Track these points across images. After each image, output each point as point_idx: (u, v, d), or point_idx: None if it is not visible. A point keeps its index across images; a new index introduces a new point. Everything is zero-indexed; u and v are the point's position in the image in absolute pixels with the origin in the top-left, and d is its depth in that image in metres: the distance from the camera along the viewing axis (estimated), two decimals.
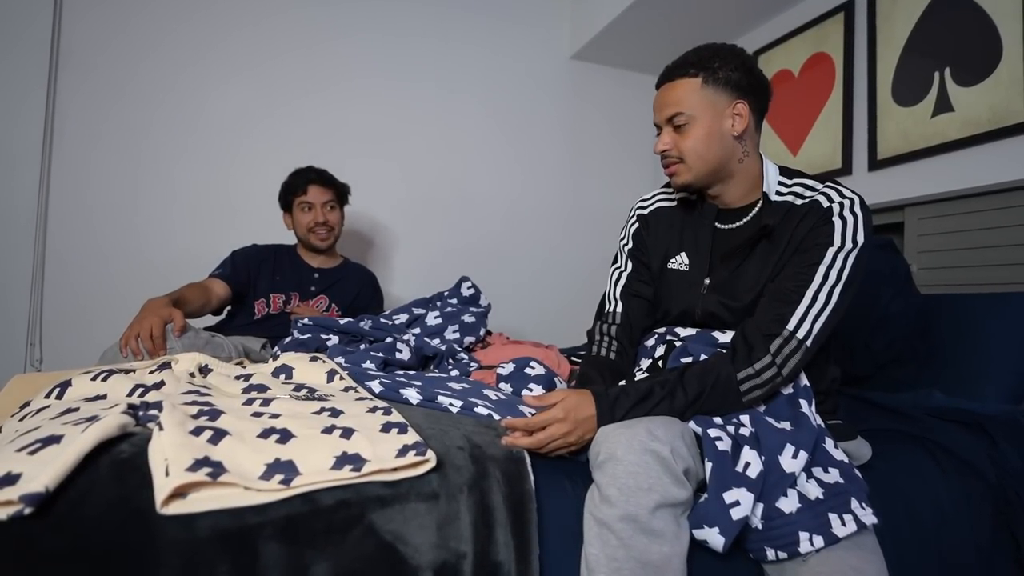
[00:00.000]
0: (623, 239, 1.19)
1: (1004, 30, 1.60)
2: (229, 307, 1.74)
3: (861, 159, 2.00)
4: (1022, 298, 1.39)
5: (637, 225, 1.17)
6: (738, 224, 1.04)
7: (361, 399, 0.92)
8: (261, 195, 2.09)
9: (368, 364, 1.22)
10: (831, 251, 0.92)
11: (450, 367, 1.36)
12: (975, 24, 1.67)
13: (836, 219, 0.94)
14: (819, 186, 0.99)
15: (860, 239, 0.93)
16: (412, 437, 0.75)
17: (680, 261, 1.08)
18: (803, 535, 0.76)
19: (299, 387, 1.00)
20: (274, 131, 2.24)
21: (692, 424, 0.85)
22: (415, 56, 2.48)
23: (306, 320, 1.44)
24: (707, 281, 1.04)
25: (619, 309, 1.14)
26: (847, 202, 0.95)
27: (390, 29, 2.43)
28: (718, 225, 1.06)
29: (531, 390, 1.11)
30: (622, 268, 1.17)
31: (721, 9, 2.31)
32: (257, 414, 0.79)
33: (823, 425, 0.90)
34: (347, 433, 0.74)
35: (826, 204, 0.96)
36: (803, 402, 0.91)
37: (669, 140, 1.02)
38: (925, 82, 1.79)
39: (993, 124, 1.62)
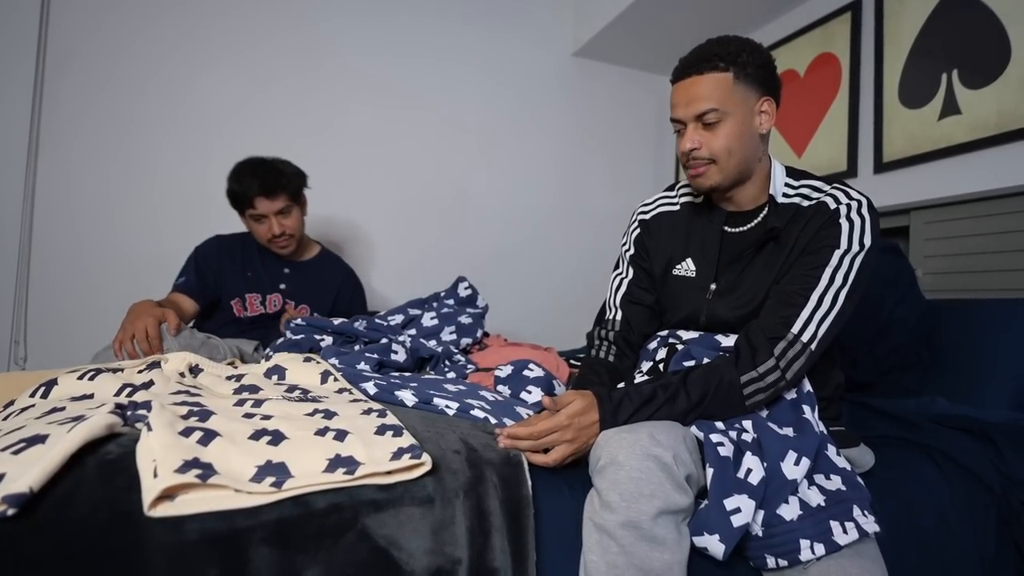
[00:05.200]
0: (625, 245, 1.19)
1: (1013, 32, 1.61)
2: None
3: (867, 161, 2.01)
4: None
5: (639, 231, 1.17)
6: (747, 227, 1.04)
7: (355, 401, 0.92)
8: None
9: (363, 365, 1.22)
10: (837, 253, 0.92)
11: (446, 369, 1.36)
12: (984, 26, 1.68)
13: (843, 221, 0.94)
14: (826, 187, 0.99)
15: (867, 242, 0.93)
16: (407, 440, 0.75)
17: (686, 267, 1.08)
18: (804, 543, 0.76)
19: (292, 388, 1.00)
20: (267, 127, 2.23)
21: (694, 429, 0.85)
22: (415, 52, 2.48)
23: (299, 320, 1.43)
24: (713, 287, 1.03)
25: (619, 317, 1.14)
26: (855, 204, 0.95)
27: (389, 24, 2.43)
28: (727, 228, 1.06)
29: (530, 392, 1.11)
30: (623, 275, 1.17)
31: (728, 7, 2.32)
32: (249, 415, 0.79)
33: (826, 432, 0.91)
34: (341, 435, 0.74)
35: (833, 206, 0.96)
36: (806, 408, 0.91)
37: (699, 138, 0.97)
38: (932, 84, 1.80)
39: (1001, 127, 1.62)
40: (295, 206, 1.68)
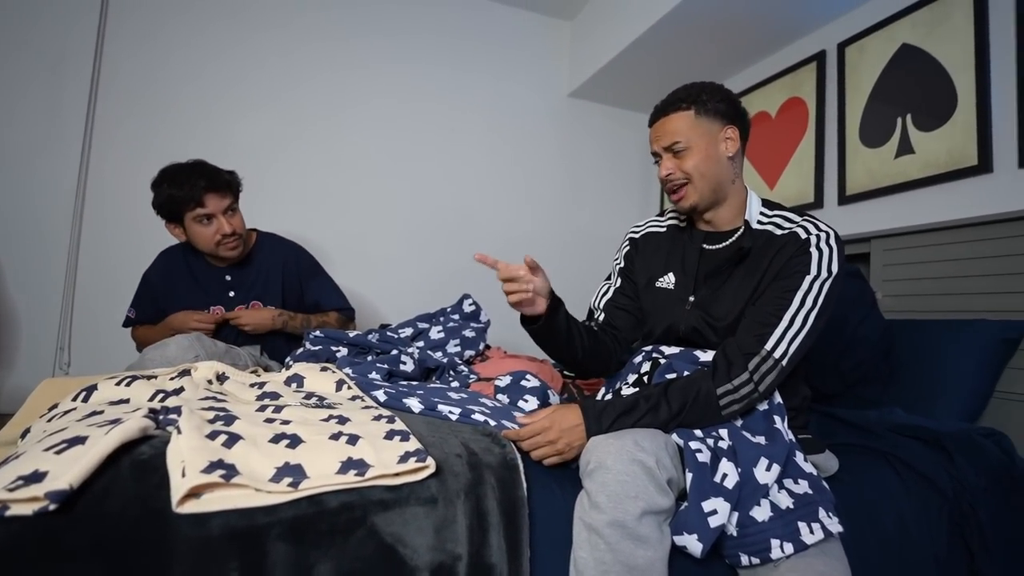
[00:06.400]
0: (616, 259, 1.22)
1: (959, 82, 1.64)
2: None
3: (831, 194, 2.03)
4: (977, 324, 1.40)
5: (629, 248, 1.20)
6: (722, 245, 1.06)
7: (367, 407, 0.91)
8: (283, 215, 2.11)
9: (374, 375, 1.21)
10: (808, 279, 0.93)
11: (451, 379, 1.36)
12: (933, 76, 1.70)
13: (813, 250, 0.95)
14: (798, 219, 1.01)
15: (834, 269, 0.94)
16: (413, 444, 0.74)
17: (667, 280, 1.09)
18: (774, 542, 0.76)
19: (309, 395, 1.00)
20: (299, 164, 2.28)
21: (675, 436, 0.85)
22: (429, 94, 2.52)
23: (318, 333, 1.43)
24: (691, 299, 1.04)
25: (602, 318, 1.17)
26: (823, 235, 0.97)
27: (407, 71, 2.48)
28: (705, 247, 1.07)
29: (527, 401, 1.11)
30: (611, 283, 1.20)
31: (706, 55, 2.35)
32: (269, 420, 0.79)
33: (794, 439, 0.90)
34: (353, 440, 0.73)
35: (804, 236, 0.97)
36: (777, 418, 0.91)
37: (672, 165, 1.03)
38: (889, 126, 1.82)
39: (950, 166, 1.64)
40: (237, 205, 1.51)
